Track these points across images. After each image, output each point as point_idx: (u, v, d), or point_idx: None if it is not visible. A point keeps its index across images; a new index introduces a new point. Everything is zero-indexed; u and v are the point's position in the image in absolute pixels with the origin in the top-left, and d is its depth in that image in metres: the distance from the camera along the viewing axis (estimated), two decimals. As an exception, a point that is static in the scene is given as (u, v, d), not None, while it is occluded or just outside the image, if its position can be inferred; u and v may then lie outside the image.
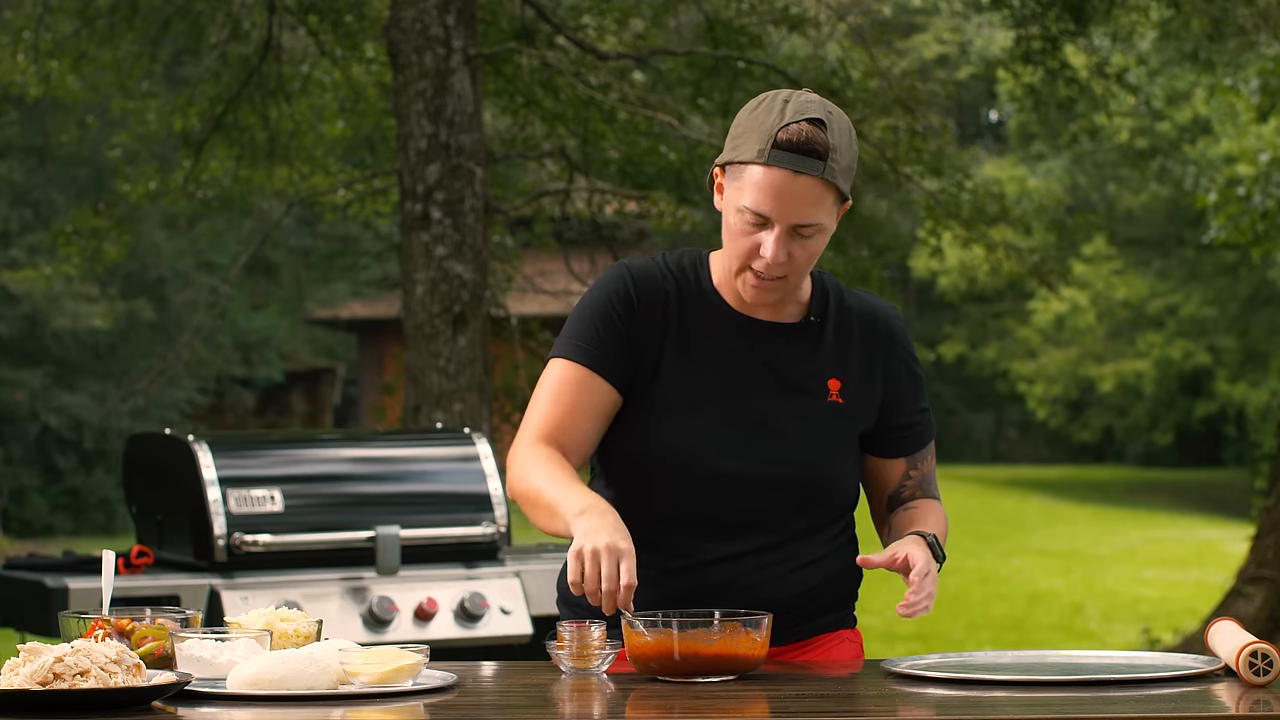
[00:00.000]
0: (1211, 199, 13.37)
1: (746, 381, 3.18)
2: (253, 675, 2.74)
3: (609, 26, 11.14)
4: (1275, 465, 12.03)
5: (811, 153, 3.03)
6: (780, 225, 3.06)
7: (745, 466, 3.15)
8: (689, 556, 3.16)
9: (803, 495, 3.18)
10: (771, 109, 3.07)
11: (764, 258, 3.07)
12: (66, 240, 11.69)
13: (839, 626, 3.30)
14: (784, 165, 3.03)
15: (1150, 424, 33.20)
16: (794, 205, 3.04)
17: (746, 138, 3.07)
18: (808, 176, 3.04)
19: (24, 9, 11.28)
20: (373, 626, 5.14)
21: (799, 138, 3.03)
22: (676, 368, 3.17)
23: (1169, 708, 2.63)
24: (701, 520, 3.16)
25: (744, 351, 3.19)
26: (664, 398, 3.16)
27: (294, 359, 26.60)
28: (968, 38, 28.84)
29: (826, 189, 3.06)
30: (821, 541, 3.23)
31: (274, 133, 11.50)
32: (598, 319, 3.17)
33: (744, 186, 3.07)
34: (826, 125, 3.05)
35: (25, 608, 5.16)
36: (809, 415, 3.19)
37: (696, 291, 3.20)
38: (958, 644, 13.35)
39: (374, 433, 6.57)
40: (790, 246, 3.07)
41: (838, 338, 3.23)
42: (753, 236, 3.08)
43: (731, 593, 3.14)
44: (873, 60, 10.77)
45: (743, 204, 3.07)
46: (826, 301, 3.25)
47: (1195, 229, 26.81)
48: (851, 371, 3.22)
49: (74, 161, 22.14)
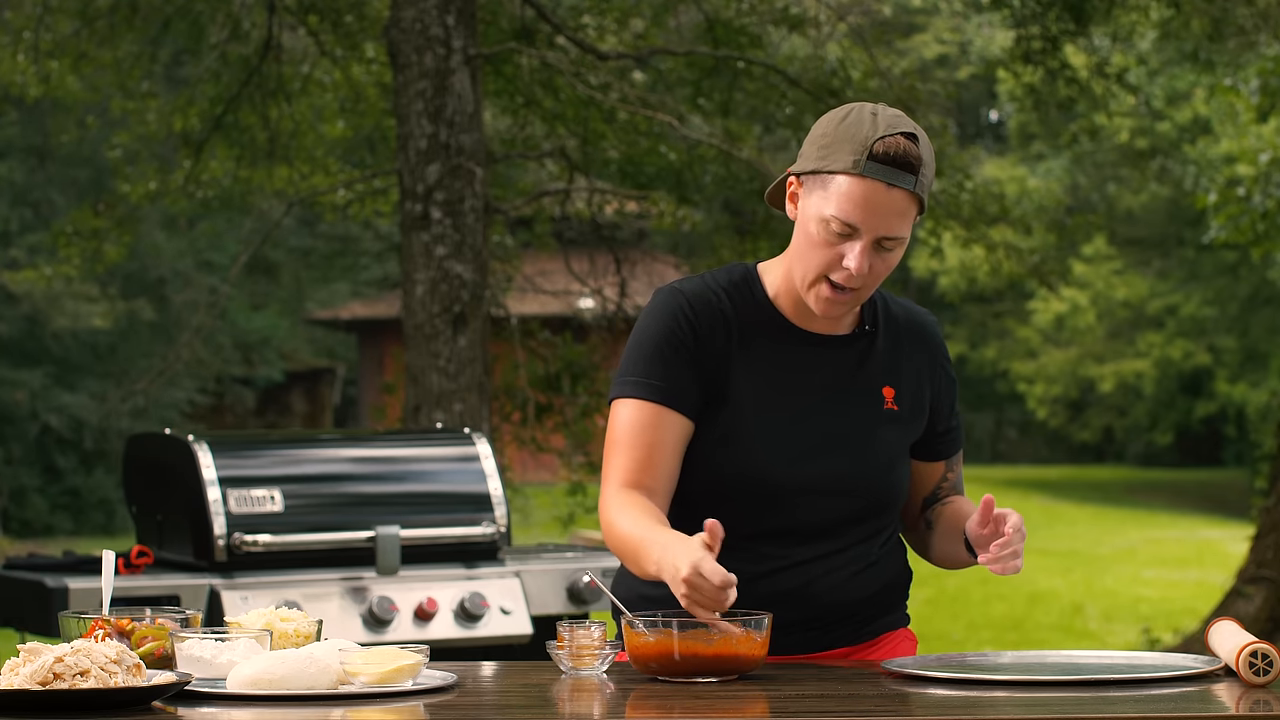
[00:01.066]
0: (1211, 199, 13.37)
1: (810, 394, 3.19)
2: (253, 675, 2.74)
3: (609, 26, 11.14)
4: (1275, 465, 12.03)
5: (906, 166, 3.04)
6: (868, 237, 3.06)
7: (814, 479, 3.17)
8: (760, 565, 3.17)
9: (865, 502, 3.21)
10: (861, 121, 3.07)
11: (847, 269, 3.07)
12: (67, 240, 11.69)
13: (898, 626, 3.35)
14: (879, 177, 3.03)
15: (1150, 424, 33.20)
16: (884, 217, 3.05)
17: (837, 148, 3.06)
18: (900, 190, 3.05)
19: (24, 9, 11.28)
20: (373, 626, 5.14)
21: (895, 150, 3.03)
22: (743, 386, 3.17)
23: (1169, 708, 2.63)
24: (771, 532, 3.18)
25: (805, 364, 3.20)
26: (733, 417, 3.16)
27: (294, 359, 26.60)
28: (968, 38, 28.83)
29: (913, 202, 3.08)
30: (879, 544, 3.28)
31: (274, 133, 11.50)
32: (661, 350, 3.15)
33: (831, 196, 3.06)
34: (918, 140, 3.07)
35: (25, 608, 5.16)
36: (869, 424, 3.21)
37: (753, 307, 3.20)
38: (958, 644, 13.35)
39: (374, 433, 6.57)
40: (873, 259, 3.08)
41: (889, 346, 3.25)
42: (836, 248, 3.07)
43: (800, 599, 3.17)
44: (873, 60, 10.77)
45: (829, 213, 3.06)
46: (876, 310, 3.26)
47: (1195, 229, 26.81)
48: (904, 379, 3.25)
49: (74, 161, 22.14)
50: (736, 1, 10.93)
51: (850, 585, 3.22)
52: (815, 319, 3.20)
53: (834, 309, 3.12)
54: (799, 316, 3.20)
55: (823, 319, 3.18)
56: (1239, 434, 32.04)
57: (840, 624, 3.23)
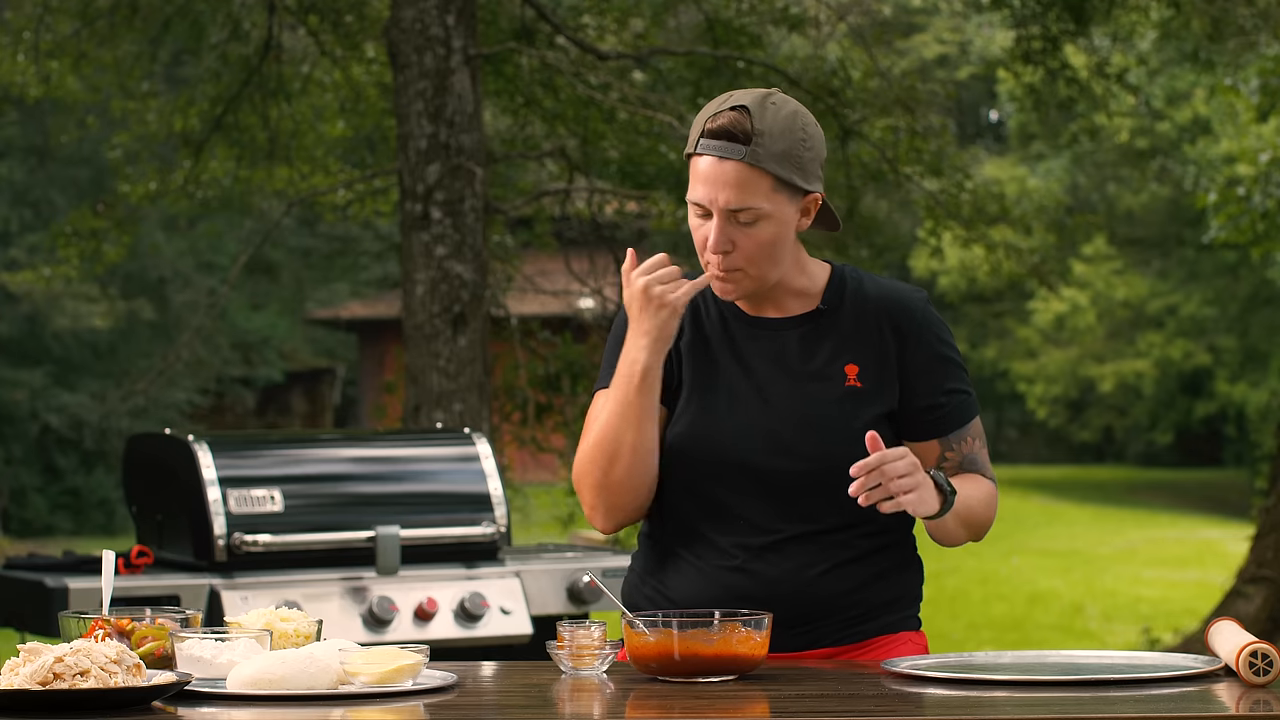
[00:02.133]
0: (1211, 199, 13.38)
1: (759, 377, 3.21)
2: (253, 675, 2.74)
3: (609, 26, 11.14)
4: (1275, 465, 12.03)
5: (732, 137, 3.10)
6: (716, 212, 3.12)
7: (768, 459, 3.17)
8: (733, 556, 3.18)
9: (831, 482, 3.14)
10: (710, 106, 3.16)
11: (709, 247, 3.14)
12: (66, 241, 11.69)
13: (899, 629, 3.27)
14: (710, 152, 3.11)
15: (1150, 424, 33.20)
16: (721, 190, 3.10)
17: (691, 136, 3.17)
18: (731, 161, 3.10)
19: (24, 9, 11.28)
20: (373, 626, 5.14)
21: (722, 125, 3.10)
22: (694, 374, 3.22)
23: (1169, 708, 2.63)
24: (739, 518, 3.18)
25: (756, 348, 3.22)
26: (687, 404, 3.21)
27: (294, 359, 26.60)
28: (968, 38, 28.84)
29: (755, 173, 3.10)
30: (865, 535, 3.21)
31: (274, 133, 11.50)
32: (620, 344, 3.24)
33: (690, 179, 3.17)
34: (752, 111, 3.11)
35: (25, 608, 5.16)
36: (825, 401, 3.20)
37: (711, 301, 3.27)
38: (958, 644, 13.35)
39: (374, 433, 6.57)
40: (732, 234, 3.12)
41: (855, 323, 3.24)
42: (703, 229, 3.16)
43: (779, 590, 3.16)
44: (873, 60, 10.77)
45: (689, 198, 3.16)
46: (842, 290, 3.26)
47: (1195, 229, 26.81)
48: (871, 355, 3.22)
49: (74, 161, 22.15)
50: (736, 1, 10.93)
51: (824, 580, 3.18)
52: (768, 307, 3.24)
53: (725, 289, 3.17)
54: (753, 305, 3.25)
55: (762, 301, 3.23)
56: (1239, 434, 32.04)
57: (819, 621, 3.19)
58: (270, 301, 25.88)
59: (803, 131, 3.14)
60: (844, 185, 10.68)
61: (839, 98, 10.48)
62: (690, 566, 3.21)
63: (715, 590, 3.17)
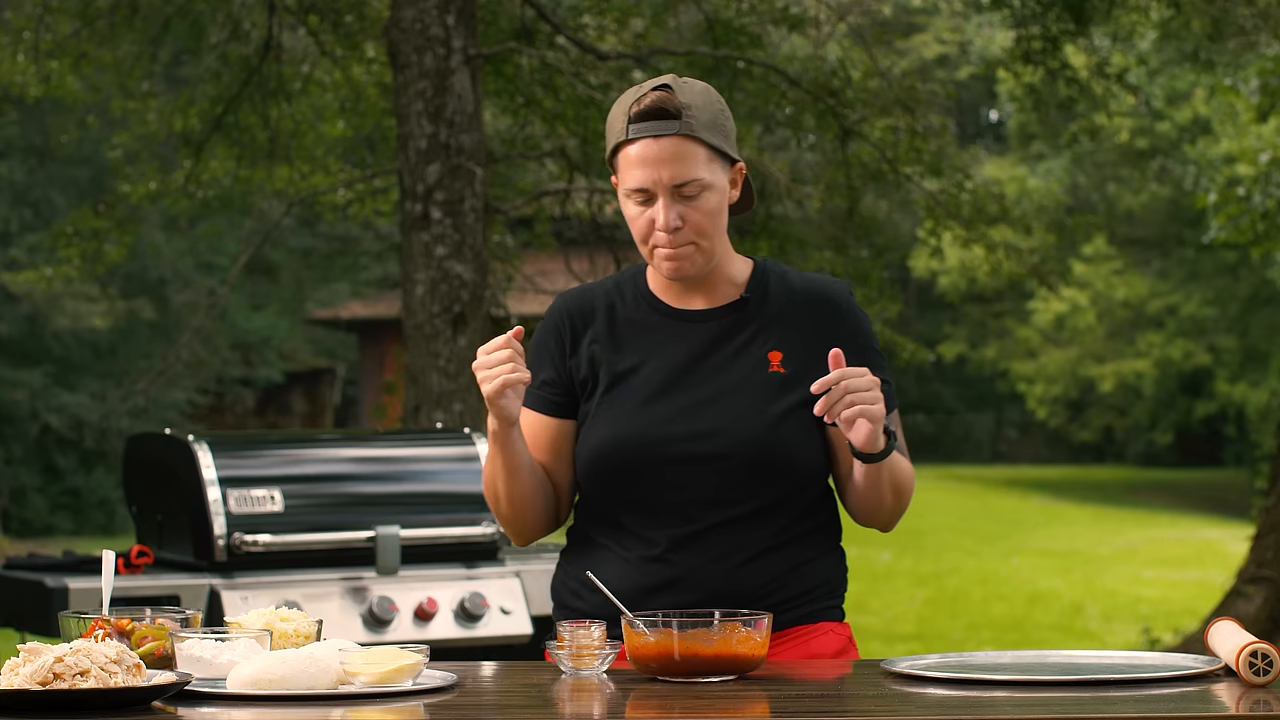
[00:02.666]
0: (1211, 199, 13.38)
1: (680, 366, 3.25)
2: (253, 675, 2.74)
3: (609, 26, 11.14)
4: (1275, 465, 12.04)
5: (663, 114, 3.16)
6: (661, 191, 3.17)
7: (691, 446, 3.19)
8: (655, 544, 3.21)
9: (752, 467, 3.18)
10: (626, 97, 3.22)
11: (660, 229, 3.17)
12: (67, 241, 11.69)
13: (820, 619, 3.28)
14: (644, 134, 3.17)
15: (1150, 424, 33.22)
16: (665, 167, 3.15)
17: (612, 130, 3.22)
18: (669, 137, 3.16)
19: (24, 9, 11.28)
20: (373, 626, 5.14)
21: (649, 104, 3.17)
22: (612, 371, 3.26)
23: (1169, 708, 2.63)
24: (663, 508, 3.20)
25: (675, 338, 3.27)
26: (602, 401, 3.25)
27: (294, 359, 26.60)
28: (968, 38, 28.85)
29: (692, 144, 3.17)
30: (789, 522, 3.23)
31: (274, 133, 11.50)
32: (535, 358, 3.32)
33: (623, 172, 3.20)
34: (674, 88, 3.18)
35: (25, 608, 5.16)
36: (748, 387, 3.22)
37: (632, 297, 3.32)
38: (958, 644, 13.35)
39: (374, 433, 6.57)
40: (679, 210, 3.17)
41: (780, 312, 3.28)
42: (646, 214, 3.19)
43: (700, 579, 3.17)
44: (873, 60, 10.77)
45: (626, 187, 3.19)
46: (765, 281, 3.30)
47: (1195, 229, 26.82)
48: (795, 343, 3.25)
49: (74, 161, 22.15)
50: (736, 1, 10.93)
51: (745, 569, 3.19)
52: (692, 297, 3.29)
53: (679, 268, 3.21)
54: (675, 298, 3.30)
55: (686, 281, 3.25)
56: (1239, 434, 32.05)
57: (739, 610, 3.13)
58: (270, 301, 25.89)
59: (719, 103, 3.23)
60: (844, 185, 10.68)
61: (839, 98, 10.48)
62: (615, 557, 3.24)
63: (638, 579, 3.19)
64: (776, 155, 14.05)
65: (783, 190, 9.95)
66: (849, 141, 10.53)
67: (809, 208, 11.18)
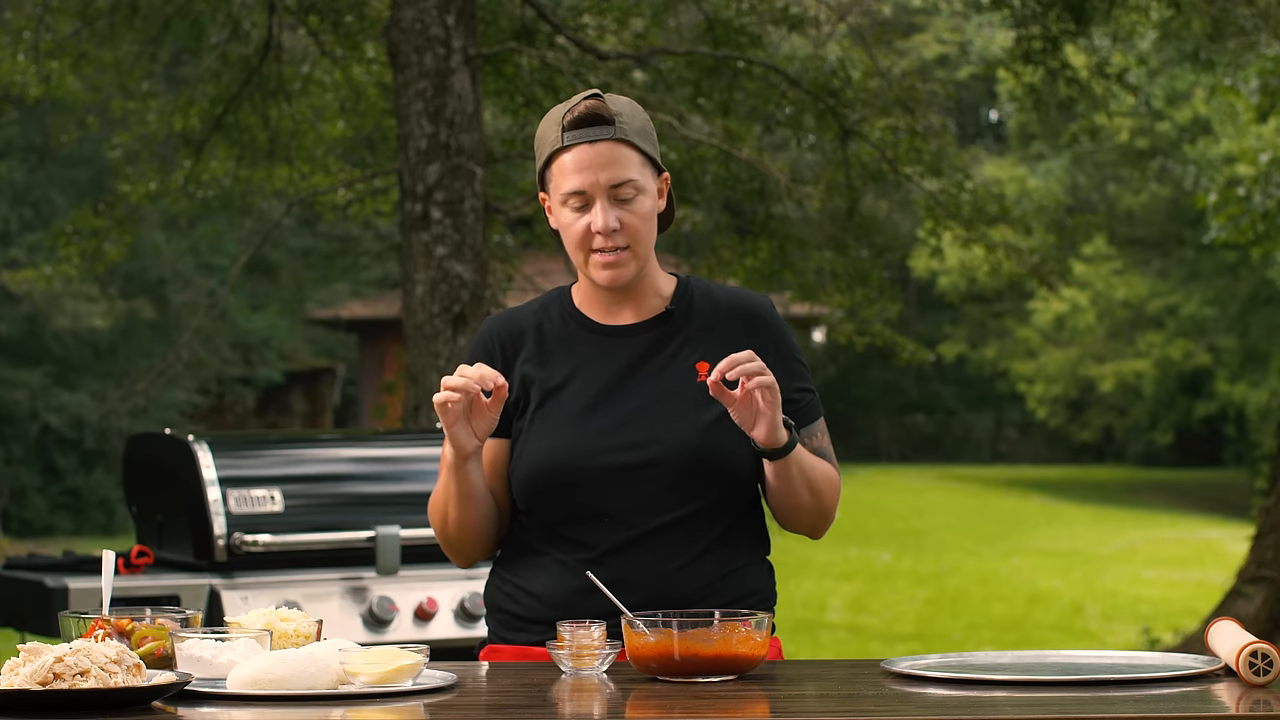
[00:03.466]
0: (1211, 199, 13.38)
1: (611, 379, 3.30)
2: (253, 675, 2.74)
3: (609, 26, 11.13)
4: (1275, 465, 12.04)
5: (597, 120, 3.25)
6: (598, 194, 3.25)
7: (622, 455, 3.24)
8: (592, 549, 3.25)
9: (686, 473, 3.24)
10: (554, 112, 3.31)
11: (598, 231, 3.24)
12: (67, 240, 11.69)
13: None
14: (578, 140, 3.25)
15: (1150, 424, 33.22)
16: (602, 170, 3.24)
17: (543, 141, 3.30)
18: (603, 141, 3.25)
19: (24, 9, 11.28)
20: (373, 626, 5.14)
21: (582, 112, 3.26)
22: (543, 388, 3.31)
23: (1169, 708, 2.63)
24: (599, 516, 3.25)
25: (604, 353, 3.33)
26: (537, 416, 3.30)
27: (294, 359, 26.60)
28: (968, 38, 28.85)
29: (625, 148, 3.26)
30: (720, 531, 3.28)
31: (274, 133, 11.50)
32: None
33: (557, 180, 3.27)
34: (604, 97, 3.27)
35: (25, 608, 5.16)
36: (678, 396, 3.28)
37: (558, 316, 3.38)
38: (958, 644, 13.35)
39: (374, 433, 6.57)
40: (617, 213, 3.24)
41: (705, 324, 3.35)
42: (582, 219, 3.26)
43: (633, 585, 3.20)
44: (873, 60, 10.76)
45: (563, 192, 3.26)
46: (689, 296, 3.38)
47: (1195, 229, 26.83)
48: (721, 353, 3.28)
49: (74, 161, 22.15)
50: (736, 1, 10.93)
51: (678, 576, 3.23)
52: (618, 313, 3.35)
53: (615, 272, 3.27)
54: (602, 314, 3.36)
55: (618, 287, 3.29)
56: (1239, 434, 32.05)
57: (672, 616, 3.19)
58: (270, 301, 25.89)
59: (645, 114, 3.33)
60: (844, 185, 10.69)
61: (839, 98, 10.48)
62: (553, 562, 3.28)
63: (573, 583, 3.22)
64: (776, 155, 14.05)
65: (783, 190, 9.95)
66: (849, 141, 10.53)
67: (809, 208, 11.18)
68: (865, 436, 37.95)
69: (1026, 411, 35.22)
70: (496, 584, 3.38)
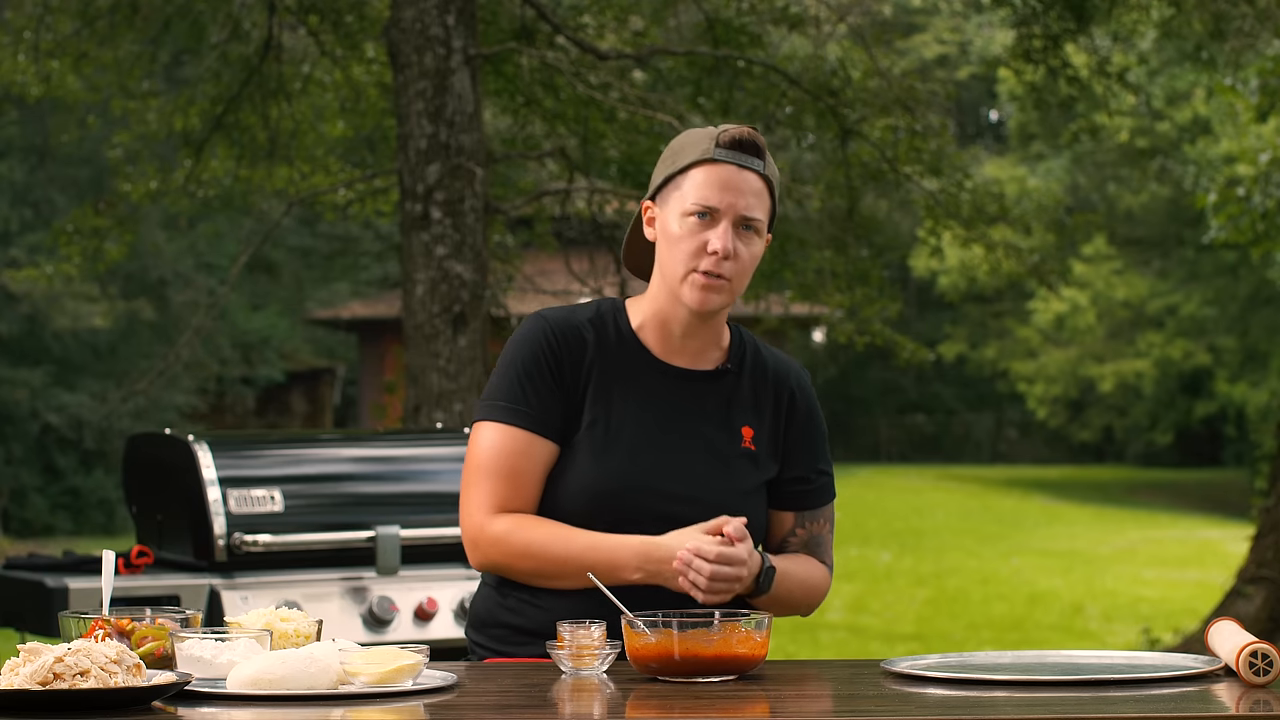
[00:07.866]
0: (1211, 199, 13.38)
1: (666, 424, 3.25)
2: (253, 675, 2.74)
3: (609, 26, 11.14)
4: (1275, 465, 12.04)
5: (753, 150, 3.19)
6: (728, 218, 3.17)
7: (663, 507, 3.22)
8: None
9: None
10: (701, 130, 3.23)
11: (714, 251, 3.16)
12: (67, 240, 11.69)
13: None
14: (730, 160, 3.18)
15: (1150, 424, 33.23)
16: (741, 196, 3.17)
17: (686, 151, 3.20)
18: (752, 171, 3.18)
19: (24, 9, 11.28)
20: (373, 626, 5.14)
21: (741, 135, 3.19)
22: (599, 414, 3.24)
23: (1169, 708, 2.63)
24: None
25: (663, 395, 3.27)
26: (587, 443, 3.23)
27: (294, 359, 26.61)
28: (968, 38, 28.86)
29: (765, 188, 3.21)
30: None
31: (274, 133, 11.50)
32: (527, 375, 3.24)
33: (687, 191, 3.18)
34: (760, 132, 3.25)
35: (25, 608, 5.16)
36: (724, 459, 3.27)
37: (616, 338, 3.28)
38: (958, 644, 13.35)
39: (374, 433, 6.57)
40: (736, 243, 3.18)
41: (752, 387, 3.32)
42: (699, 236, 3.18)
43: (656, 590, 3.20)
44: (873, 60, 10.77)
45: (689, 205, 3.17)
46: (744, 352, 3.34)
47: (1195, 229, 26.82)
48: (764, 421, 3.30)
49: (74, 161, 22.15)
50: (736, 1, 10.93)
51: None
52: (679, 353, 3.28)
53: (709, 298, 3.19)
54: (663, 350, 3.29)
55: (681, 341, 3.25)
56: (1239, 434, 32.06)
57: None
58: (270, 301, 25.90)
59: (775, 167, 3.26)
60: (844, 185, 10.69)
61: (839, 98, 10.48)
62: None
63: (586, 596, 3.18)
64: (776, 155, 14.05)
65: (783, 190, 9.96)
66: (849, 141, 10.53)
67: (809, 208, 11.18)
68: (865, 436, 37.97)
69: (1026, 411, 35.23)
70: (495, 599, 3.33)
